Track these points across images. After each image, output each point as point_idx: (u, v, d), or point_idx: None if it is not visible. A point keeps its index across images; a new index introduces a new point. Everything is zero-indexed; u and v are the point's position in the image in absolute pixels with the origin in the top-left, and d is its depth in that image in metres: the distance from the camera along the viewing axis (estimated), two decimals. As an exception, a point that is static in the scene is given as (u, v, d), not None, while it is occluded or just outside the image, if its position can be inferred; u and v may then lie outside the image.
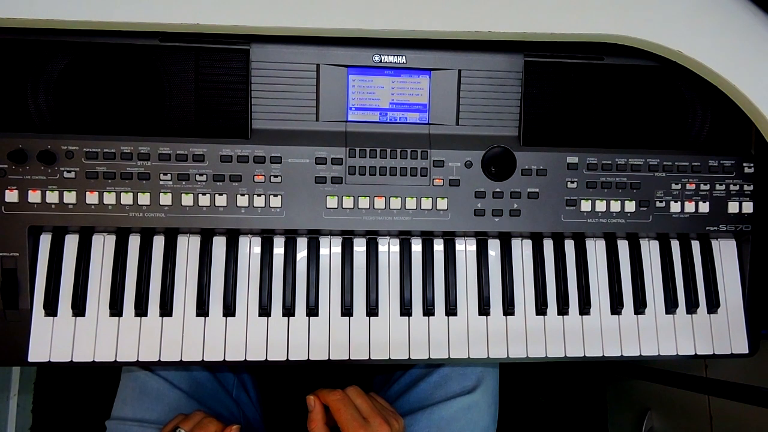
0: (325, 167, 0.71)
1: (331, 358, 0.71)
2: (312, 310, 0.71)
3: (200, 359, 0.70)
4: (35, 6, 0.60)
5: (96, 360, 0.68)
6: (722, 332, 0.76)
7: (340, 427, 0.65)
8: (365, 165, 0.72)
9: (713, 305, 0.75)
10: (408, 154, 0.72)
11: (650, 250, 0.77)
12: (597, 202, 0.74)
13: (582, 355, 0.74)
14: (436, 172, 0.72)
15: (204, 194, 0.70)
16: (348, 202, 0.71)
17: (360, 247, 0.74)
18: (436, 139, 0.73)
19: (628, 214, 0.75)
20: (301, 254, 0.73)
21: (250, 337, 0.70)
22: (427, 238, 0.74)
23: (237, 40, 0.69)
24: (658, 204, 0.75)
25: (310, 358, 0.71)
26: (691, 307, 0.75)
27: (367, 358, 0.71)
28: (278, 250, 0.72)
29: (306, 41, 0.70)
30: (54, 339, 0.68)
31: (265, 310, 0.71)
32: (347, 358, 0.71)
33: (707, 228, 0.76)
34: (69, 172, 0.68)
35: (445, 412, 0.77)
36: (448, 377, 0.80)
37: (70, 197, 0.68)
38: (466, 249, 0.75)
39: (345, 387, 0.68)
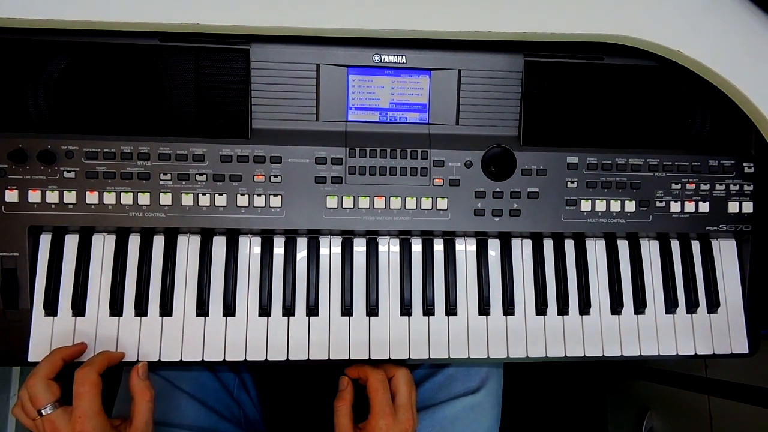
0: (325, 167, 0.71)
1: (331, 357, 0.71)
2: (312, 310, 0.71)
3: (200, 359, 0.69)
4: (35, 6, 0.60)
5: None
6: (722, 332, 0.76)
7: (371, 407, 0.66)
8: (365, 165, 0.72)
9: (713, 305, 0.75)
10: (408, 154, 0.72)
11: (650, 250, 0.77)
12: (597, 202, 0.74)
13: (582, 355, 0.74)
14: (436, 172, 0.72)
15: (204, 194, 0.70)
16: (348, 202, 0.71)
17: (360, 247, 0.74)
18: (436, 139, 0.73)
19: (628, 214, 0.74)
20: (301, 254, 0.72)
21: (250, 336, 0.70)
22: (427, 238, 0.74)
23: (237, 40, 0.69)
24: (658, 204, 0.75)
25: (310, 358, 0.71)
26: (691, 307, 0.75)
27: (368, 358, 0.71)
28: (278, 250, 0.72)
29: (306, 41, 0.70)
30: (54, 339, 0.68)
31: (265, 310, 0.71)
32: (347, 358, 0.71)
33: (707, 228, 0.76)
34: (69, 172, 0.68)
35: (448, 411, 0.77)
36: (453, 378, 0.80)
37: (70, 197, 0.68)
38: (466, 249, 0.75)
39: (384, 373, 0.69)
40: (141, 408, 0.63)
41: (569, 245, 0.76)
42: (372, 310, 0.72)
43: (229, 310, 0.70)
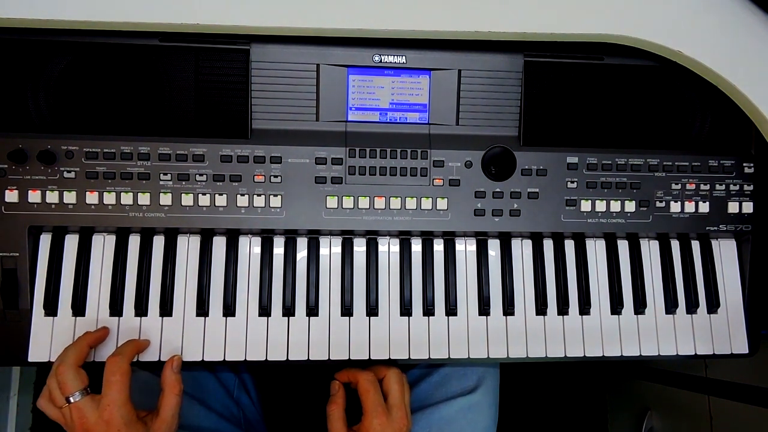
0: (325, 167, 0.71)
1: (331, 358, 0.71)
2: (312, 310, 0.71)
3: (200, 359, 0.69)
4: (35, 6, 0.60)
5: (96, 360, 0.68)
6: (722, 332, 0.76)
7: (363, 408, 0.66)
8: (365, 165, 0.72)
9: (713, 305, 0.75)
10: (408, 154, 0.72)
11: (650, 250, 0.77)
12: (597, 202, 0.74)
13: (582, 355, 0.74)
14: (436, 172, 0.72)
15: (204, 194, 0.70)
16: (348, 202, 0.71)
17: (360, 247, 0.73)
18: (436, 139, 0.73)
19: (628, 214, 0.74)
20: (301, 254, 0.72)
21: (250, 337, 0.70)
22: (427, 238, 0.74)
23: (237, 40, 0.69)
24: (658, 204, 0.75)
25: (310, 358, 0.71)
26: (691, 307, 0.75)
27: (367, 358, 0.71)
28: (278, 250, 0.72)
29: (306, 41, 0.70)
30: (54, 339, 0.68)
31: (265, 310, 0.71)
32: (347, 358, 0.71)
33: (707, 228, 0.76)
34: (69, 172, 0.68)
35: (445, 412, 0.77)
36: (449, 377, 0.80)
37: (70, 197, 0.68)
38: (466, 249, 0.75)
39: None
40: (170, 401, 0.64)
41: (569, 245, 0.76)
42: (372, 310, 0.72)
43: (229, 310, 0.70)
